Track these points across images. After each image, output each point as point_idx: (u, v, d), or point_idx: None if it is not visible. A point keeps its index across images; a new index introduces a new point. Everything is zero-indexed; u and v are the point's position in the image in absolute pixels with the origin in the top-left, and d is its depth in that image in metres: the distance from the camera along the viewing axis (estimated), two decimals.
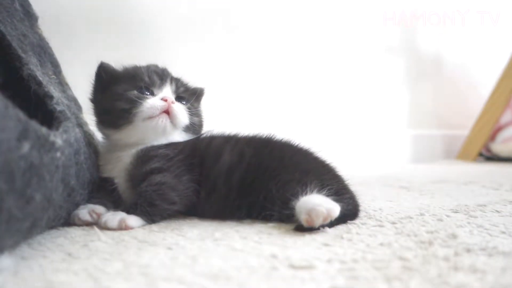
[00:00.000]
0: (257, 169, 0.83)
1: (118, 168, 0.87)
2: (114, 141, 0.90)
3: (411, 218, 0.82)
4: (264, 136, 0.92)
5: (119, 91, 0.88)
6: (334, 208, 0.69)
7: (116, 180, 0.87)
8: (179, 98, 0.92)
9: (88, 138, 0.91)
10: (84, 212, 0.81)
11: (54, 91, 0.85)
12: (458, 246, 0.61)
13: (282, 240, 0.67)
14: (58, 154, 0.60)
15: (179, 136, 0.90)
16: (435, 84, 2.64)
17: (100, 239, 0.68)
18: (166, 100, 0.86)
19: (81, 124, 0.90)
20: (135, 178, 0.84)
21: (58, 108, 0.78)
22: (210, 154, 0.87)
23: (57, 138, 0.60)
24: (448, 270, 0.51)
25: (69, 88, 1.07)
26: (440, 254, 0.57)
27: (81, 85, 1.37)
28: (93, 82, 0.96)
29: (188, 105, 0.93)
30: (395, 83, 2.41)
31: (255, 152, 0.86)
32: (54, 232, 0.73)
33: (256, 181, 0.82)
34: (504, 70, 2.48)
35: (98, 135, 0.97)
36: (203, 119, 0.97)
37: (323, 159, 0.91)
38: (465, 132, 2.61)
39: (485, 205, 0.98)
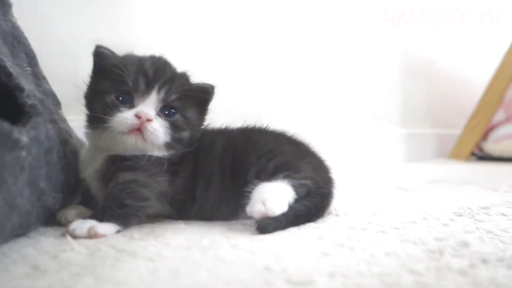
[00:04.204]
0: (248, 151, 0.81)
1: (90, 168, 0.80)
2: (91, 140, 0.83)
3: (414, 222, 0.76)
4: (257, 126, 0.89)
5: (100, 88, 0.79)
6: (270, 201, 0.69)
7: (88, 181, 0.80)
8: (166, 108, 0.78)
9: (64, 135, 0.84)
10: (72, 213, 0.75)
11: (25, 83, 0.77)
12: (472, 256, 0.55)
13: (276, 248, 0.61)
14: (24, 153, 0.53)
15: (158, 152, 0.78)
16: (428, 83, 2.61)
17: (73, 249, 0.61)
18: (140, 117, 0.74)
19: (56, 120, 0.82)
20: (107, 179, 0.76)
21: (29, 102, 0.70)
22: (203, 148, 0.82)
23: (23, 135, 0.53)
24: (467, 286, 0.45)
25: (46, 82, 0.99)
26: (455, 266, 0.51)
27: (61, 79, 1.30)
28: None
29: (177, 116, 0.79)
30: (388, 81, 2.36)
31: (246, 136, 0.84)
32: (23, 241, 0.65)
33: (246, 163, 0.79)
34: (497, 69, 2.45)
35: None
36: (199, 129, 0.84)
37: (315, 151, 0.89)
38: (457, 131, 2.58)
39: (488, 208, 0.93)
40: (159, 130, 0.76)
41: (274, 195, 0.70)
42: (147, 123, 0.74)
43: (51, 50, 1.29)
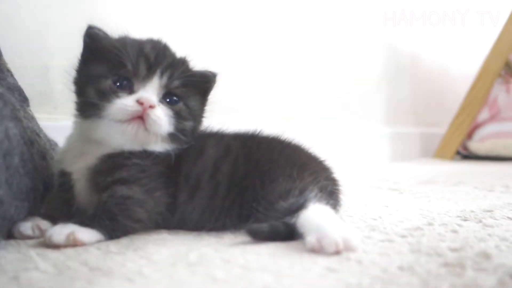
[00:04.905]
0: (246, 163, 0.73)
1: (79, 164, 0.71)
2: (81, 130, 0.73)
3: (421, 229, 0.70)
4: (249, 131, 0.80)
5: (94, 73, 0.69)
6: (352, 239, 0.57)
7: (73, 177, 0.71)
8: (168, 95, 0.71)
9: (31, 135, 0.74)
10: (27, 226, 0.66)
11: None
12: (497, 270, 0.49)
13: (275, 263, 0.54)
14: None
15: (159, 146, 0.70)
16: (413, 81, 2.58)
17: (38, 268, 0.52)
18: (142, 104, 0.67)
19: (20, 118, 0.73)
20: (99, 185, 0.68)
21: None
22: (190, 149, 0.73)
23: None
24: None
25: (11, 75, 0.89)
26: (483, 284, 0.44)
27: (30, 74, 1.19)
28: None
29: (180, 105, 0.72)
30: (373, 80, 2.31)
31: (242, 145, 0.75)
32: None
33: (247, 177, 0.71)
34: (482, 67, 2.44)
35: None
36: (201, 120, 0.78)
37: (315, 154, 0.82)
38: (442, 130, 2.56)
39: (492, 211, 0.88)
40: (162, 118, 0.68)
41: (336, 225, 0.59)
42: (149, 110, 0.67)
43: (19, 42, 1.18)
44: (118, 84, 0.68)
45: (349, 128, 2.15)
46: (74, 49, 0.78)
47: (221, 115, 0.84)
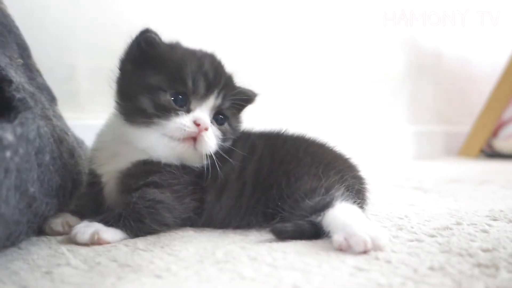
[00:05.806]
0: (272, 161, 0.72)
1: (110, 166, 0.71)
2: (120, 133, 0.72)
3: (450, 229, 0.68)
4: (274, 130, 0.80)
5: (151, 82, 0.68)
6: (381, 237, 0.56)
7: (103, 179, 0.72)
8: (218, 114, 0.73)
9: (60, 134, 0.76)
10: (57, 222, 0.68)
11: (15, 75, 0.69)
12: None
13: (302, 261, 0.53)
14: (8, 153, 0.45)
15: (197, 162, 0.71)
16: (435, 79, 2.53)
17: (69, 263, 0.53)
18: (198, 125, 0.67)
19: (50, 117, 0.74)
20: (128, 187, 0.68)
21: (18, 95, 0.62)
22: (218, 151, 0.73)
23: (7, 132, 0.45)
24: None
25: (40, 75, 0.91)
26: None
27: (57, 74, 1.21)
28: (127, 47, 0.72)
29: (226, 125, 0.73)
30: (395, 79, 2.28)
31: (267, 144, 0.75)
32: (12, 253, 0.58)
33: (272, 175, 0.71)
34: (507, 65, 2.37)
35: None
36: (235, 137, 0.77)
37: (340, 152, 0.81)
38: (465, 128, 2.50)
39: None
40: (213, 140, 0.70)
41: (363, 223, 0.58)
42: (203, 132, 0.67)
43: (46, 42, 1.20)
44: (173, 98, 0.68)
45: (373, 126, 2.13)
46: (100, 50, 0.79)
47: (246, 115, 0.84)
